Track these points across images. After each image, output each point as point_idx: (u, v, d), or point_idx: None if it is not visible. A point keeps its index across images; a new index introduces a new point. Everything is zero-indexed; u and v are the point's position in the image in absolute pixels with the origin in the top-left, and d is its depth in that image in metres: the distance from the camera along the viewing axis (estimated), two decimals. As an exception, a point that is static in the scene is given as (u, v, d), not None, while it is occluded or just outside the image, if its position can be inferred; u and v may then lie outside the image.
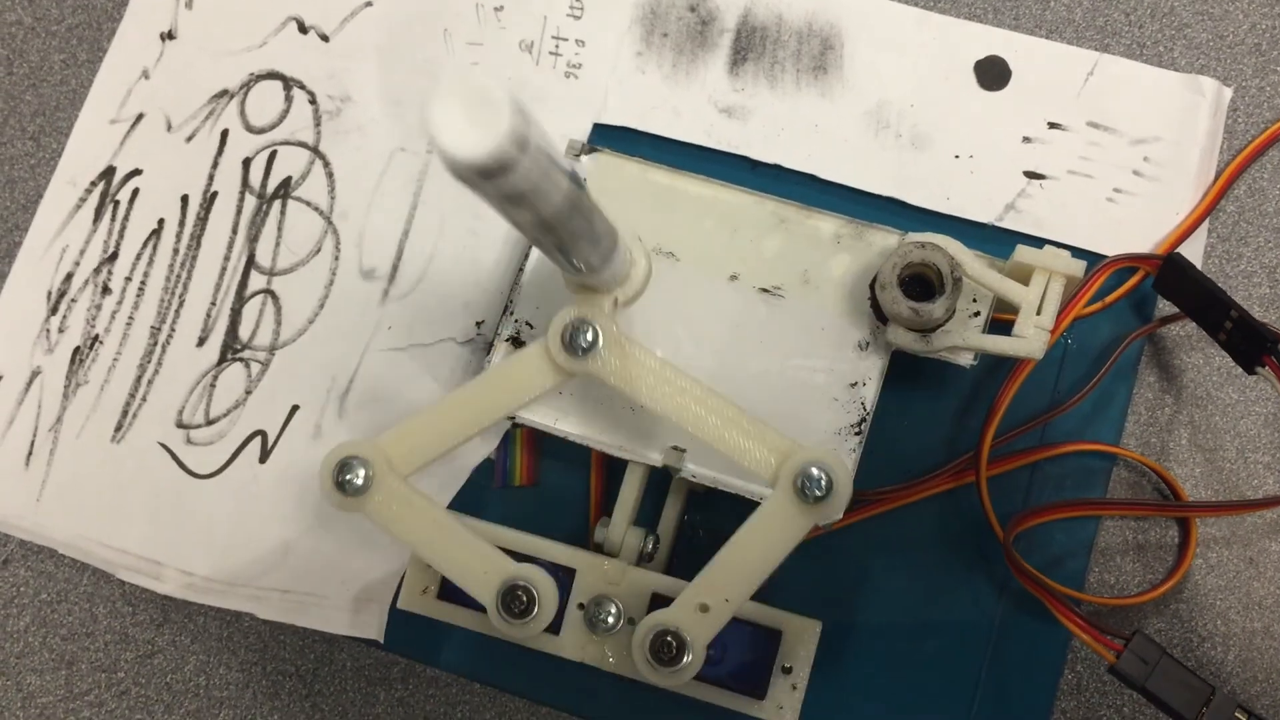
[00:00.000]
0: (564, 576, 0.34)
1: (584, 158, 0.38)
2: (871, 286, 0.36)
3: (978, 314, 0.36)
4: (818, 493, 0.30)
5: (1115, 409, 0.39)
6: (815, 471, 0.30)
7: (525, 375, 0.32)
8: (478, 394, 0.32)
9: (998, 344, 0.35)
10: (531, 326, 0.37)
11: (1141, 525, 0.39)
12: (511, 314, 0.37)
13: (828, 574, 0.38)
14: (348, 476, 0.31)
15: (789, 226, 0.37)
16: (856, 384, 0.36)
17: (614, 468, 0.38)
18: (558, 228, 0.25)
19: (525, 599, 0.31)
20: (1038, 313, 0.35)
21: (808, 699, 0.34)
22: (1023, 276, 0.35)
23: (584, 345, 0.31)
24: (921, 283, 0.35)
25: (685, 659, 0.30)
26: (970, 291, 0.36)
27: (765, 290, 0.37)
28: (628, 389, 0.32)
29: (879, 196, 0.41)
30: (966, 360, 0.36)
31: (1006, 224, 0.40)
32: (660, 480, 0.37)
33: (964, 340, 0.35)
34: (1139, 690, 0.32)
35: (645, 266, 0.33)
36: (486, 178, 0.21)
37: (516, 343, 0.37)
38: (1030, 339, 0.34)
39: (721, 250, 0.37)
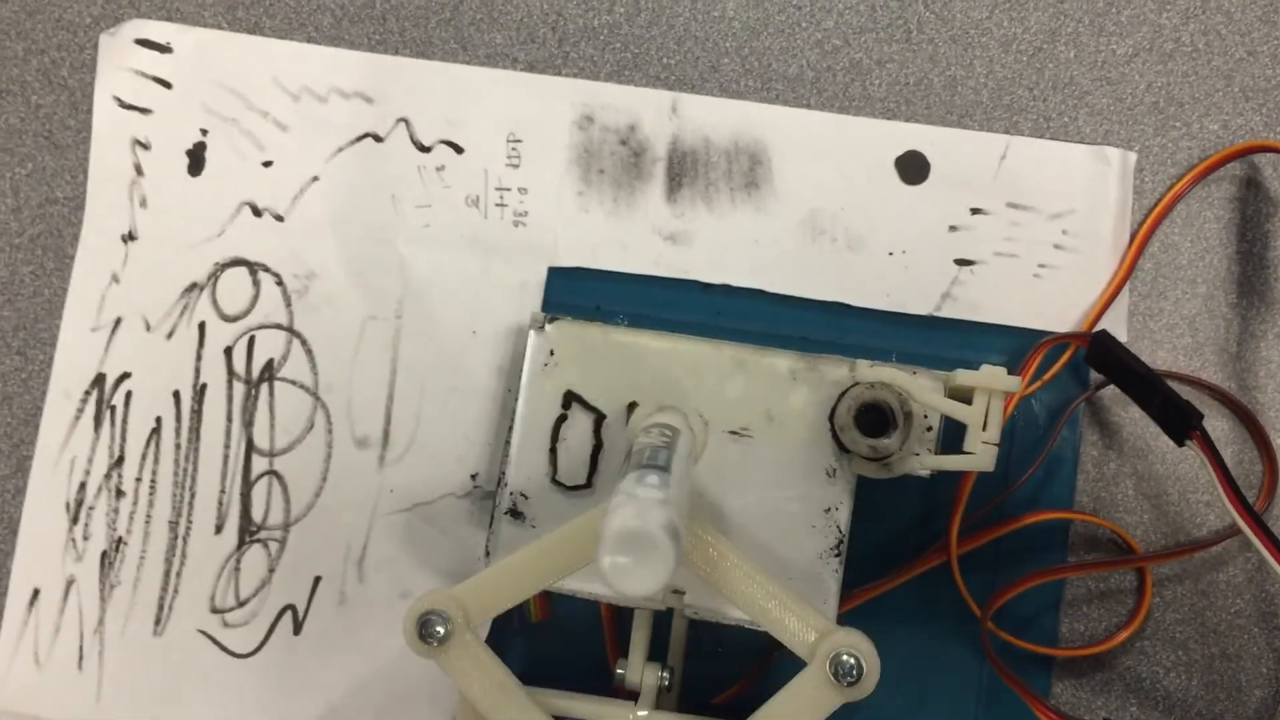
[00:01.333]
0: (592, 734, 0.38)
1: (547, 328, 0.41)
2: (831, 421, 0.39)
3: (930, 428, 0.39)
4: (850, 678, 0.34)
5: (1065, 472, 0.43)
6: (847, 657, 0.34)
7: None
8: (551, 551, 0.36)
9: (951, 463, 0.38)
10: (526, 497, 0.40)
11: (1103, 575, 0.43)
12: (505, 486, 0.40)
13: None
14: (432, 629, 0.35)
15: (747, 369, 0.40)
16: (830, 509, 0.39)
17: (623, 610, 0.41)
18: None
19: None
20: (984, 428, 0.38)
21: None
22: (965, 396, 0.38)
23: None
24: (876, 411, 0.38)
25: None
26: (921, 410, 0.39)
27: (734, 432, 0.40)
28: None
29: (824, 302, 0.44)
30: (925, 473, 0.39)
31: (944, 313, 0.43)
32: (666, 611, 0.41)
33: (921, 464, 0.38)
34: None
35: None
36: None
37: (515, 514, 0.40)
38: (980, 455, 0.38)
39: (689, 399, 0.40)
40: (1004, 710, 0.42)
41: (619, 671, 0.40)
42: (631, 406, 0.40)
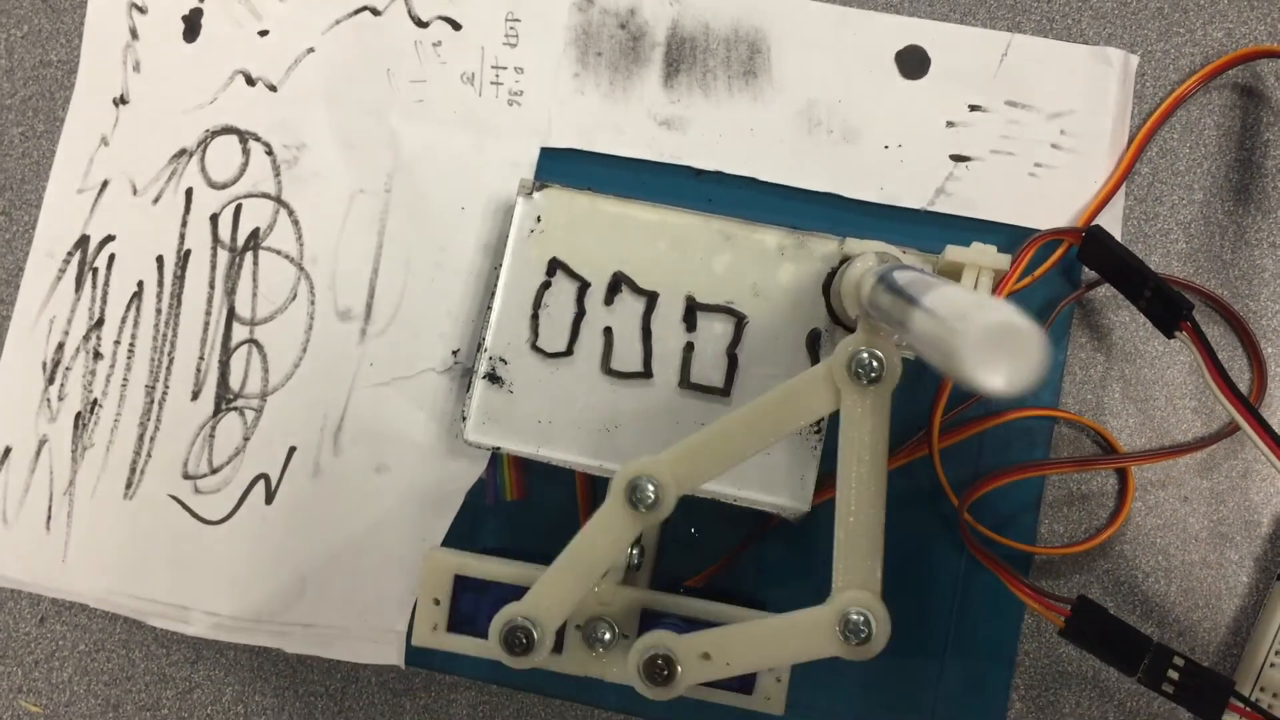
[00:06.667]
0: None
1: (535, 194, 0.40)
2: (825, 293, 0.38)
3: (917, 309, 0.39)
4: (858, 637, 0.33)
5: (1051, 371, 0.42)
6: (856, 616, 0.33)
7: (807, 398, 0.34)
8: (758, 416, 0.34)
9: (937, 339, 0.38)
10: (505, 362, 0.40)
11: (1084, 476, 0.42)
12: (485, 350, 0.40)
13: (800, 553, 0.42)
14: (644, 493, 0.34)
15: (735, 243, 0.40)
16: (811, 386, 0.39)
17: (598, 482, 0.41)
18: None
19: (524, 639, 0.34)
20: (971, 306, 0.37)
21: (792, 682, 0.38)
22: (954, 273, 0.38)
23: (873, 375, 0.33)
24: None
25: (676, 679, 0.33)
26: (908, 289, 0.38)
27: (718, 306, 0.39)
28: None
29: (817, 193, 0.43)
30: (910, 354, 0.38)
31: (938, 207, 0.43)
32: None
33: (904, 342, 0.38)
34: (1087, 649, 0.36)
35: None
36: None
37: (493, 379, 0.40)
38: (966, 332, 0.37)
39: (675, 272, 0.40)
40: (982, 597, 0.41)
41: None
42: (617, 277, 0.40)
